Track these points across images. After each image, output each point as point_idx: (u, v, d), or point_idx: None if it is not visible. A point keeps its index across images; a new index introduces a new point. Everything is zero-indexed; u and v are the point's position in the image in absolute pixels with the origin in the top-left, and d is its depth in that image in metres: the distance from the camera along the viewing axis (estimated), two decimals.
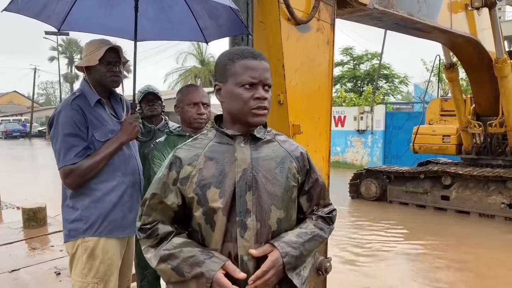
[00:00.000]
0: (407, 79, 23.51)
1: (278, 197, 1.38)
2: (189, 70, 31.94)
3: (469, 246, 6.28)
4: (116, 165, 2.24)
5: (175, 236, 1.38)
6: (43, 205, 6.16)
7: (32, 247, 5.19)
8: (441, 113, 9.60)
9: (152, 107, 3.28)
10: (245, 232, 1.32)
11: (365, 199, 9.40)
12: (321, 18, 2.69)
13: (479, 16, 5.41)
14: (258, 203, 1.35)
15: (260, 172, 1.37)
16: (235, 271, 1.28)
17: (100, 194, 2.19)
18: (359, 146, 15.35)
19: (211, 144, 1.41)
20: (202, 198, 1.34)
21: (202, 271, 1.27)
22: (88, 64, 2.24)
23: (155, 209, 1.40)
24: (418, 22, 3.75)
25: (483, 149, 8.46)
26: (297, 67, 2.57)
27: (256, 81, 1.35)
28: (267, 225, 1.36)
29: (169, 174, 1.39)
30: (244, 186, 1.34)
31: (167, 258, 1.33)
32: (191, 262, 1.30)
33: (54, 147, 2.17)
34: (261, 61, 1.38)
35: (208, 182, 1.35)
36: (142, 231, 1.41)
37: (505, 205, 7.58)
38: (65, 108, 2.17)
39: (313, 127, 2.71)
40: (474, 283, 4.95)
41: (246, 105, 1.35)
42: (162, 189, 1.39)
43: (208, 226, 1.35)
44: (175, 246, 1.34)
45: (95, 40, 2.31)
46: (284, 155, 1.44)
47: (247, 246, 1.32)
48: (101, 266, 2.19)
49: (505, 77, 6.80)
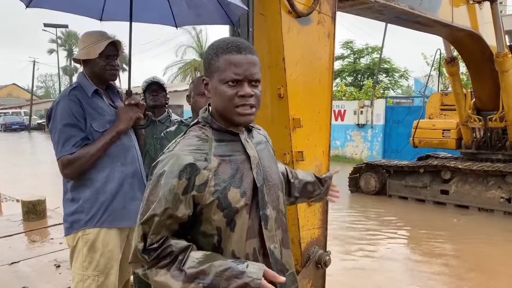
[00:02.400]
0: (407, 73, 23.47)
1: (279, 182, 1.48)
2: (188, 63, 31.82)
3: (468, 240, 6.30)
4: (115, 155, 2.25)
5: (192, 251, 1.26)
6: (43, 198, 6.17)
7: (32, 239, 5.20)
8: (441, 108, 9.58)
9: (155, 97, 3.28)
10: (267, 223, 1.37)
11: (364, 193, 9.41)
12: (322, 11, 2.67)
13: (480, 10, 5.39)
14: (270, 192, 1.40)
15: (265, 163, 1.42)
16: (275, 276, 1.26)
17: (100, 185, 2.19)
18: (359, 140, 15.34)
19: (215, 144, 1.33)
20: (223, 200, 1.28)
21: (246, 281, 1.20)
22: (87, 57, 2.23)
23: (164, 225, 1.25)
24: (419, 15, 3.73)
25: (483, 143, 8.46)
26: (298, 60, 2.55)
27: (241, 78, 1.28)
28: (280, 210, 1.44)
29: (179, 183, 1.24)
30: (262, 181, 1.37)
31: (196, 277, 1.20)
32: (227, 275, 1.20)
33: (53, 139, 2.17)
34: (247, 55, 1.30)
35: (228, 184, 1.29)
36: (147, 252, 1.25)
37: (504, 199, 7.59)
38: (63, 99, 2.17)
39: (314, 121, 2.70)
40: (473, 278, 4.97)
41: (230, 103, 1.29)
42: (173, 201, 1.24)
43: (228, 228, 1.30)
44: (199, 262, 1.22)
45: (93, 32, 2.30)
46: (265, 140, 1.53)
47: (270, 236, 1.37)
48: (102, 259, 2.20)
49: (506, 71, 6.78)
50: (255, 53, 1.34)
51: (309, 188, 1.86)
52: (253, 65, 1.31)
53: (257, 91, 1.32)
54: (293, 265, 1.50)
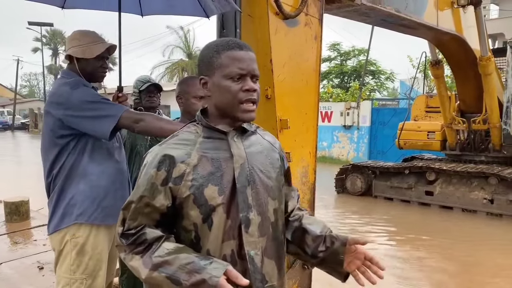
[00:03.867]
0: (393, 76, 23.75)
1: (272, 189, 1.40)
2: (175, 63, 31.69)
3: (452, 241, 6.38)
4: (111, 151, 2.24)
5: (165, 241, 1.30)
6: (26, 199, 6.06)
7: (15, 241, 5.11)
8: (426, 110, 9.71)
9: (152, 98, 3.26)
10: (248, 227, 1.31)
11: (350, 194, 9.48)
12: (309, 13, 2.68)
13: (464, 14, 5.48)
14: (257, 196, 1.34)
15: (255, 166, 1.36)
16: (238, 277, 1.21)
17: (95, 178, 2.16)
18: (345, 142, 15.45)
19: (201, 140, 1.35)
20: (199, 196, 1.28)
21: (204, 278, 1.19)
22: (83, 56, 2.21)
23: (142, 213, 1.30)
24: (405, 18, 3.78)
25: (467, 145, 8.60)
26: (285, 62, 2.56)
27: (245, 72, 1.31)
28: (267, 217, 1.36)
29: (158, 174, 1.29)
30: (244, 182, 1.32)
31: (160, 265, 1.24)
32: (189, 269, 1.22)
33: (87, 115, 2.10)
34: (248, 52, 1.34)
35: (205, 180, 1.29)
36: (125, 237, 1.31)
37: (487, 200, 7.72)
38: (79, 86, 2.14)
39: (301, 122, 2.71)
40: (457, 278, 5.04)
41: (235, 98, 1.31)
42: (150, 190, 1.29)
43: (205, 225, 1.30)
44: (167, 253, 1.26)
45: (87, 31, 2.27)
46: (269, 147, 1.46)
47: (252, 241, 1.31)
48: (91, 261, 2.16)
49: (489, 74, 6.91)
50: (253, 51, 1.38)
51: (307, 240, 1.49)
52: (254, 61, 1.35)
53: (257, 87, 1.35)
54: (276, 280, 1.38)
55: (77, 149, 2.15)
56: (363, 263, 1.40)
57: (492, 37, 21.53)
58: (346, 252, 1.41)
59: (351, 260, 1.41)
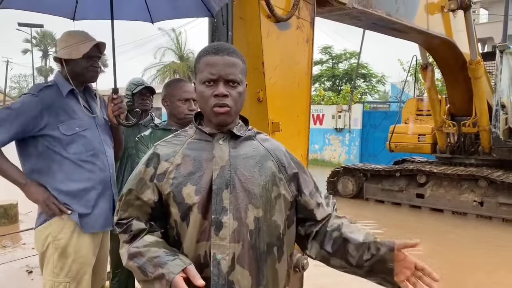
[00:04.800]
0: (384, 79, 23.90)
1: (256, 196, 1.33)
2: (167, 66, 31.57)
3: (442, 243, 6.42)
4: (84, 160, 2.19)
5: (148, 234, 1.36)
6: (15, 202, 6.00)
7: (3, 244, 5.05)
8: (417, 113, 9.78)
9: (144, 101, 3.27)
10: (219, 230, 1.28)
11: (342, 196, 9.50)
12: (300, 16, 2.69)
13: (454, 18, 5.53)
14: (236, 201, 1.30)
15: (238, 170, 1.33)
16: (194, 277, 1.22)
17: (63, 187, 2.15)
18: (337, 144, 15.51)
19: (190, 141, 1.40)
20: (178, 194, 1.32)
21: (163, 272, 1.23)
22: (69, 57, 2.18)
23: (132, 205, 1.39)
24: (396, 22, 3.81)
25: (457, 148, 8.66)
26: (277, 65, 2.56)
27: (215, 77, 1.31)
28: (245, 224, 1.31)
29: (146, 170, 1.38)
30: (221, 184, 1.30)
31: (134, 255, 1.32)
32: (155, 262, 1.27)
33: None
34: (224, 56, 1.32)
35: (185, 179, 1.32)
36: (118, 225, 1.41)
37: (476, 203, 7.77)
38: (31, 96, 2.12)
39: (292, 125, 2.71)
40: (447, 281, 5.07)
41: (207, 103, 1.33)
42: (139, 185, 1.38)
43: (184, 223, 1.32)
44: (144, 245, 1.32)
45: (75, 32, 2.25)
46: (264, 153, 1.40)
47: (221, 245, 1.27)
48: (74, 264, 2.14)
49: (479, 78, 6.98)
50: (235, 55, 1.36)
51: (350, 250, 1.37)
52: (230, 65, 1.33)
53: (233, 92, 1.33)
54: None
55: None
56: (413, 273, 1.30)
57: (481, 41, 21.77)
58: (395, 259, 1.30)
59: (400, 269, 1.30)
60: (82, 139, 2.18)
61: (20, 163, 2.19)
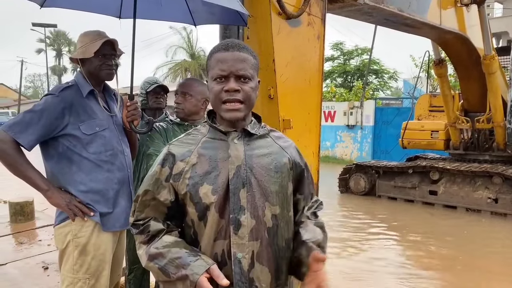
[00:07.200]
0: (396, 75, 23.68)
1: (273, 194, 1.36)
2: (178, 64, 31.70)
3: (456, 241, 6.37)
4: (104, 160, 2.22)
5: (166, 234, 1.36)
6: (31, 199, 6.09)
7: (20, 241, 5.13)
8: (430, 109, 9.68)
9: (158, 99, 3.32)
10: (238, 229, 1.30)
11: (354, 193, 9.46)
12: (311, 13, 2.68)
13: (468, 12, 5.46)
14: (253, 200, 1.32)
15: (254, 169, 1.35)
16: (219, 277, 1.24)
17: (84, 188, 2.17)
18: (349, 141, 15.42)
19: (204, 139, 1.39)
20: (195, 194, 1.32)
21: (187, 273, 1.24)
22: (83, 56, 2.21)
23: (148, 205, 1.38)
24: (408, 17, 3.77)
25: (471, 144, 8.56)
26: (288, 62, 2.56)
27: (225, 73, 1.32)
28: (263, 222, 1.33)
29: (162, 170, 1.37)
30: (238, 183, 1.32)
31: (155, 257, 1.31)
32: (177, 263, 1.27)
33: (20, 113, 2.12)
34: (234, 52, 1.33)
35: (201, 179, 1.32)
36: (135, 226, 1.40)
37: (491, 200, 7.68)
38: (53, 97, 2.14)
39: (303, 122, 2.71)
40: (461, 278, 5.02)
41: (217, 99, 1.34)
42: (155, 185, 1.37)
43: (201, 223, 1.33)
44: (164, 245, 1.32)
45: (90, 31, 2.27)
46: (278, 151, 1.42)
47: (240, 244, 1.30)
48: (93, 261, 2.17)
49: (493, 73, 6.88)
50: (245, 51, 1.36)
51: (295, 244, 1.44)
52: (240, 61, 1.33)
53: (245, 87, 1.34)
54: (269, 285, 1.34)
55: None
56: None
57: (496, 35, 21.44)
58: (309, 267, 1.32)
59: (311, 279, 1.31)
60: (101, 138, 2.21)
61: (43, 165, 2.22)
